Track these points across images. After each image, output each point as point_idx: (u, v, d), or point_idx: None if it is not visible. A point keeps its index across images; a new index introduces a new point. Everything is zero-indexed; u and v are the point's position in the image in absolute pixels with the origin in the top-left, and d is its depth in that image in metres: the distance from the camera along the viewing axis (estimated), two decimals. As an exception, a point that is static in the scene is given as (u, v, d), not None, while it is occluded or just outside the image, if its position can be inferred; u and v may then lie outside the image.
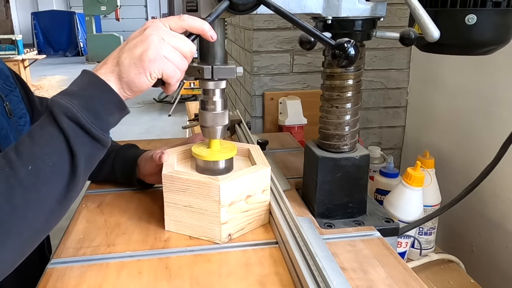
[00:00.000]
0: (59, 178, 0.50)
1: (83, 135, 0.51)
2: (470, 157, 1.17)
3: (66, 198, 0.51)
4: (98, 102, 0.53)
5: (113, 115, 0.55)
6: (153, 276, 0.60)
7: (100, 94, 0.53)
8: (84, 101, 0.52)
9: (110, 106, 0.54)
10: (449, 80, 1.27)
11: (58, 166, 0.50)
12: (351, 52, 0.55)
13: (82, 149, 0.51)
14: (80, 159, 0.51)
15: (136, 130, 4.86)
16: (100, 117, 0.53)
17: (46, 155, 0.49)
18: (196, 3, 0.61)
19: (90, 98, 0.52)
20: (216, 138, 0.70)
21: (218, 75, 0.64)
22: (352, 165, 0.73)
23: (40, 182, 0.48)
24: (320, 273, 0.52)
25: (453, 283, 0.88)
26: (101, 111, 0.53)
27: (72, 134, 0.50)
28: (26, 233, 0.49)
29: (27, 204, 0.48)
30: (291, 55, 1.46)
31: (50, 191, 0.49)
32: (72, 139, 0.50)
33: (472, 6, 0.64)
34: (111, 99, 0.54)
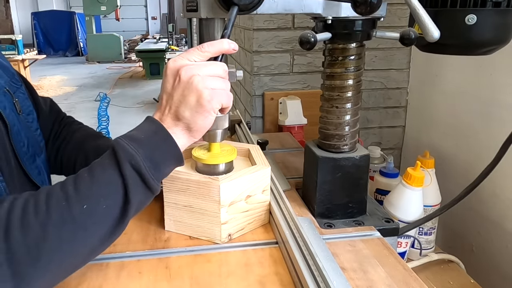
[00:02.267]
0: (109, 221, 0.51)
1: (141, 184, 0.53)
2: (470, 157, 1.17)
3: (109, 240, 0.53)
4: (161, 154, 0.54)
5: (170, 167, 0.57)
6: (153, 276, 0.60)
7: (165, 147, 0.55)
8: (149, 151, 0.53)
9: (171, 159, 0.56)
10: (449, 80, 1.27)
11: (111, 210, 0.51)
12: None
13: (137, 197, 0.52)
14: (132, 206, 0.52)
15: (136, 130, 4.85)
16: (159, 168, 0.54)
17: (102, 197, 0.51)
18: (196, 3, 0.61)
19: (155, 149, 0.54)
20: (216, 142, 0.69)
21: None
22: (352, 165, 0.73)
23: (91, 222, 0.50)
24: (320, 273, 0.52)
25: (453, 283, 0.88)
26: (161, 163, 0.55)
27: (131, 182, 0.52)
28: (64, 266, 0.50)
29: (74, 241, 0.49)
30: (291, 55, 1.46)
31: (98, 232, 0.51)
32: (130, 187, 0.51)
33: (472, 6, 0.64)
34: (174, 152, 0.55)
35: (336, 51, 0.71)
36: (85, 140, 0.88)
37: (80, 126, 0.93)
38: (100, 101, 6.07)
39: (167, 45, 7.41)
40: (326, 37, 0.68)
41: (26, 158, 0.76)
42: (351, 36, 0.69)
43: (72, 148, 0.88)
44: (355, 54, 0.71)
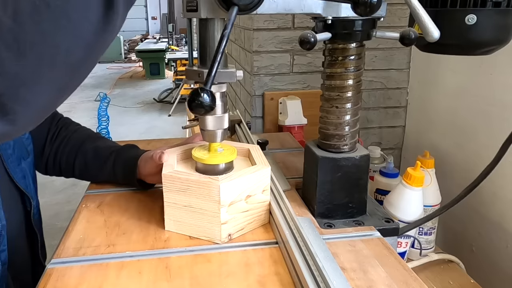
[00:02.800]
0: (93, 5, 0.43)
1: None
2: (470, 157, 1.17)
3: (104, 30, 0.45)
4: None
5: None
6: (153, 276, 0.60)
7: None
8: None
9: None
10: (449, 80, 1.27)
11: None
12: None
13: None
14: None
15: (136, 130, 4.87)
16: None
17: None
18: (196, 3, 0.61)
19: None
20: (216, 142, 0.70)
21: (218, 79, 0.64)
22: (352, 165, 0.73)
23: (70, 6, 0.42)
24: (320, 273, 0.52)
25: (453, 283, 0.88)
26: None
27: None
28: (60, 64, 0.43)
29: (58, 31, 0.42)
30: (291, 55, 1.46)
31: (83, 19, 0.43)
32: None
33: (472, 6, 0.64)
34: None
35: (336, 51, 0.71)
36: (83, 141, 0.88)
37: (78, 127, 0.93)
38: (100, 101, 6.07)
39: (167, 45, 7.41)
40: (326, 37, 0.68)
41: (11, 160, 0.76)
42: (351, 36, 0.69)
43: (70, 149, 0.87)
44: (355, 54, 0.71)
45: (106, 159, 0.84)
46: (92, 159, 0.86)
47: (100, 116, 5.28)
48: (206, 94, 0.49)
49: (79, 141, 0.88)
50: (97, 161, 0.85)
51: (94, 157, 0.86)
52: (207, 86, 0.50)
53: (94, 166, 0.86)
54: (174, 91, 6.07)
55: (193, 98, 0.49)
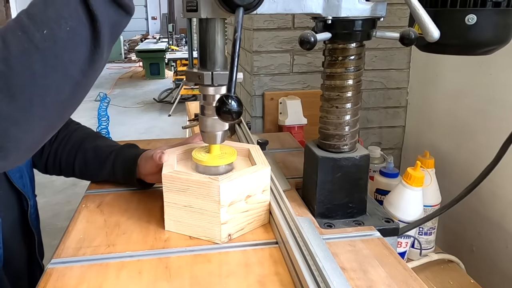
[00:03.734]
0: (80, 46, 0.45)
1: None
2: (470, 157, 1.17)
3: (91, 68, 0.47)
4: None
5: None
6: (153, 276, 0.60)
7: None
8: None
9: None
10: (449, 80, 1.27)
11: (78, 32, 0.45)
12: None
13: (104, 14, 0.46)
14: (102, 25, 0.46)
15: (136, 130, 4.87)
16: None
17: (62, 19, 0.44)
18: (196, 3, 0.61)
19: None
20: (216, 144, 0.70)
21: (218, 81, 0.64)
22: (352, 165, 0.73)
23: (58, 48, 0.44)
24: (320, 273, 0.52)
25: (453, 283, 0.88)
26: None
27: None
28: (50, 104, 0.45)
29: (47, 72, 0.44)
30: (291, 55, 1.46)
31: (72, 60, 0.45)
32: (91, 2, 0.45)
33: (472, 6, 0.64)
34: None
35: (336, 51, 0.71)
36: (83, 140, 0.88)
37: (78, 126, 0.93)
38: (100, 101, 6.07)
39: (167, 45, 7.41)
40: (326, 37, 0.68)
41: None
42: (351, 36, 0.69)
43: (70, 148, 0.88)
44: (355, 54, 0.71)
45: (106, 158, 0.84)
46: (92, 158, 0.86)
47: (100, 116, 5.28)
48: (233, 101, 0.50)
49: (79, 140, 0.88)
50: (97, 160, 0.85)
51: (94, 156, 0.86)
52: (230, 92, 0.51)
53: (94, 165, 0.86)
54: (174, 91, 6.07)
55: (221, 106, 0.50)
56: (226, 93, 0.51)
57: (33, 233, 0.83)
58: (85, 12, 0.45)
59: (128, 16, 0.50)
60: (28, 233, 0.82)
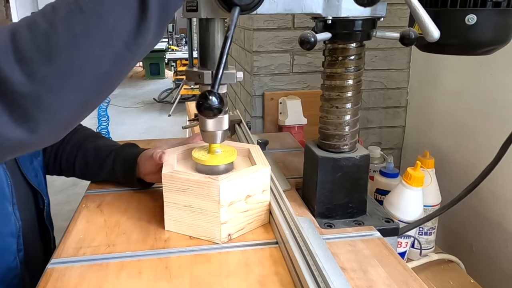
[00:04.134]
0: (125, 14, 0.43)
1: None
2: (470, 157, 1.17)
3: (135, 42, 0.44)
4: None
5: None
6: (153, 276, 0.60)
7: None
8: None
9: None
10: (449, 80, 1.27)
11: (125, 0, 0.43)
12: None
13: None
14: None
15: (136, 130, 4.87)
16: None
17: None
18: (196, 3, 0.61)
19: None
20: (216, 143, 0.70)
21: None
22: (352, 165, 0.73)
23: (103, 11, 0.42)
24: (320, 273, 0.52)
25: (453, 283, 0.88)
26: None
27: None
28: (88, 72, 0.43)
29: (89, 36, 0.42)
30: (291, 55, 1.46)
31: (116, 27, 0.43)
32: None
33: (472, 6, 0.64)
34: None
35: (336, 51, 0.71)
36: (84, 140, 0.89)
37: (80, 127, 0.94)
38: (100, 101, 6.06)
39: (167, 45, 7.41)
40: (326, 37, 0.68)
41: (24, 159, 0.77)
42: (351, 36, 0.69)
43: (71, 148, 0.88)
44: (355, 54, 0.71)
45: (106, 157, 0.85)
46: (92, 158, 0.86)
47: (100, 116, 5.27)
48: (214, 97, 0.49)
49: (80, 140, 0.89)
50: (97, 160, 0.86)
51: (95, 156, 0.86)
52: (214, 88, 0.50)
53: (94, 165, 0.86)
54: (174, 91, 6.07)
55: (201, 102, 0.49)
56: (209, 89, 0.50)
57: (48, 231, 0.84)
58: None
59: (181, 1, 0.48)
60: (44, 230, 0.84)
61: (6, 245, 0.70)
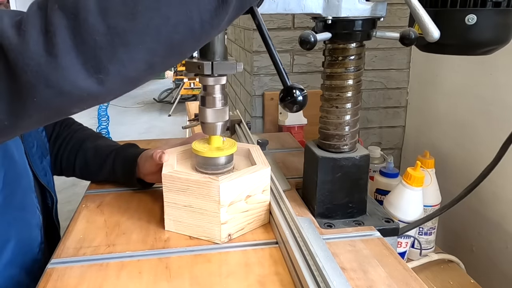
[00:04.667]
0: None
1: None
2: (470, 157, 1.17)
3: (210, 23, 0.45)
4: None
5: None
6: (153, 276, 0.60)
7: None
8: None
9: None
10: (449, 80, 1.27)
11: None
12: (298, 98, 0.55)
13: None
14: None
15: (136, 130, 4.87)
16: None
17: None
18: None
19: None
20: (216, 134, 0.70)
21: (218, 71, 0.64)
22: (352, 165, 0.73)
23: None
24: (320, 273, 0.52)
25: (453, 283, 0.88)
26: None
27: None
28: (163, 37, 0.44)
29: (173, 3, 0.43)
30: (291, 55, 1.46)
31: (199, 3, 0.44)
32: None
33: (472, 6, 0.64)
34: None
35: (336, 51, 0.71)
36: (84, 140, 0.89)
37: (80, 127, 0.94)
38: (100, 101, 6.06)
39: (167, 45, 7.40)
40: (326, 37, 0.68)
41: (35, 159, 0.77)
42: (351, 36, 0.69)
43: (71, 148, 0.88)
44: (355, 54, 0.71)
45: (106, 157, 0.85)
46: (92, 158, 0.86)
47: (100, 116, 5.27)
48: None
49: (80, 140, 0.89)
50: (97, 160, 0.86)
51: (95, 156, 0.86)
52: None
53: (94, 165, 0.86)
54: (174, 91, 6.07)
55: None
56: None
57: (57, 229, 0.85)
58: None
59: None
60: (52, 230, 0.84)
61: (33, 236, 0.72)
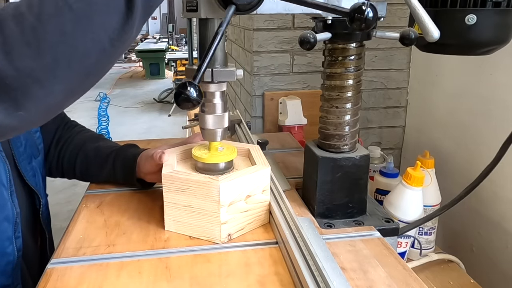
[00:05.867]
0: (113, 12, 0.45)
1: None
2: (470, 157, 1.17)
3: (120, 39, 0.47)
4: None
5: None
6: (153, 276, 0.60)
7: None
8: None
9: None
10: (449, 80, 1.27)
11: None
12: (369, 15, 0.51)
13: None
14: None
15: (136, 130, 4.87)
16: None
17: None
18: (196, 3, 0.61)
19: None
20: (216, 141, 0.70)
21: (218, 78, 0.64)
22: (352, 165, 0.73)
23: (92, 10, 0.44)
24: (320, 273, 0.52)
25: (453, 283, 0.88)
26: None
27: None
28: (75, 66, 0.45)
29: (77, 33, 0.44)
30: (291, 55, 1.46)
31: (103, 24, 0.45)
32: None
33: (472, 6, 0.64)
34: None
35: (336, 51, 0.71)
36: (85, 142, 0.89)
37: (82, 129, 0.94)
38: (100, 101, 6.07)
39: (167, 45, 7.42)
40: (326, 37, 0.68)
41: (22, 158, 0.77)
42: (351, 36, 0.69)
43: (72, 150, 0.88)
44: (355, 54, 0.71)
45: (107, 157, 0.85)
46: (93, 159, 0.86)
47: (100, 116, 5.28)
48: (193, 88, 0.48)
49: (81, 142, 0.89)
50: (98, 161, 0.86)
51: (95, 157, 0.86)
52: (195, 80, 0.50)
53: (95, 166, 0.86)
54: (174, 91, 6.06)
55: (180, 92, 0.48)
56: (189, 80, 0.49)
57: (44, 232, 0.84)
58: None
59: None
60: (40, 232, 0.83)
61: (0, 230, 0.69)
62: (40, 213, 0.82)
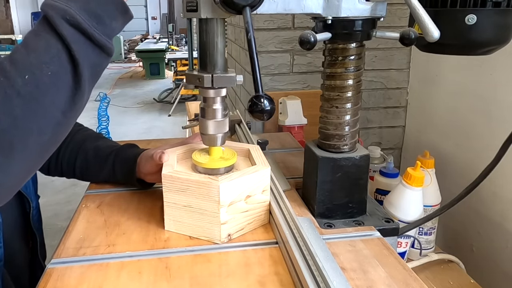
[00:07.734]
0: (61, 89, 0.46)
1: (85, 41, 0.47)
2: (470, 157, 1.17)
3: (73, 109, 0.48)
4: (97, 4, 0.49)
5: (116, 19, 0.51)
6: (153, 276, 0.60)
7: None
8: (83, 3, 0.47)
9: (112, 8, 0.50)
10: (449, 80, 1.27)
11: (59, 76, 0.46)
12: None
13: (85, 57, 0.47)
14: (83, 68, 0.47)
15: (136, 130, 4.87)
16: (102, 21, 0.49)
17: (44, 64, 0.45)
18: (196, 3, 0.61)
19: (88, 0, 0.48)
20: (216, 146, 0.70)
21: (218, 84, 0.64)
22: (352, 165, 0.73)
23: (40, 92, 0.45)
24: (320, 273, 0.52)
25: (453, 283, 0.88)
26: (102, 15, 0.49)
27: (72, 40, 0.46)
28: (31, 145, 0.46)
29: (29, 116, 0.44)
30: (291, 55, 1.46)
31: (53, 103, 0.46)
32: (73, 46, 0.46)
33: (472, 6, 0.64)
34: (112, 0, 0.50)
35: (336, 51, 0.71)
36: (84, 141, 0.88)
37: (81, 128, 0.94)
38: (100, 101, 6.07)
39: (167, 45, 7.41)
40: (326, 37, 0.68)
41: None
42: (351, 36, 0.69)
43: (72, 149, 0.88)
44: (355, 54, 0.71)
45: (106, 157, 0.85)
46: (92, 159, 0.86)
47: (100, 116, 5.28)
48: (267, 100, 0.51)
49: (80, 141, 0.88)
50: (98, 160, 0.85)
51: (95, 156, 0.86)
52: (259, 92, 0.52)
53: (95, 166, 0.86)
54: (174, 91, 6.07)
55: (254, 105, 0.51)
56: (256, 94, 0.52)
57: (35, 235, 0.83)
58: (67, 57, 0.47)
59: (108, 58, 0.51)
60: (29, 234, 0.83)
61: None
62: (31, 216, 0.81)
